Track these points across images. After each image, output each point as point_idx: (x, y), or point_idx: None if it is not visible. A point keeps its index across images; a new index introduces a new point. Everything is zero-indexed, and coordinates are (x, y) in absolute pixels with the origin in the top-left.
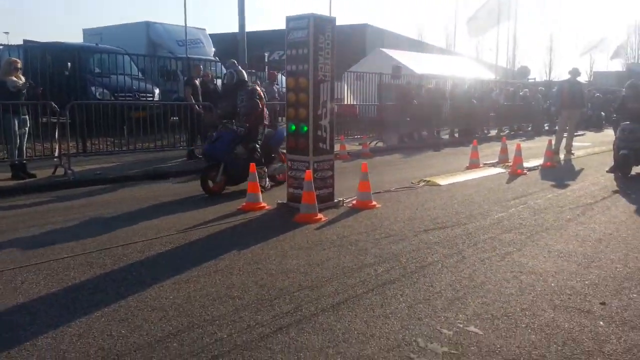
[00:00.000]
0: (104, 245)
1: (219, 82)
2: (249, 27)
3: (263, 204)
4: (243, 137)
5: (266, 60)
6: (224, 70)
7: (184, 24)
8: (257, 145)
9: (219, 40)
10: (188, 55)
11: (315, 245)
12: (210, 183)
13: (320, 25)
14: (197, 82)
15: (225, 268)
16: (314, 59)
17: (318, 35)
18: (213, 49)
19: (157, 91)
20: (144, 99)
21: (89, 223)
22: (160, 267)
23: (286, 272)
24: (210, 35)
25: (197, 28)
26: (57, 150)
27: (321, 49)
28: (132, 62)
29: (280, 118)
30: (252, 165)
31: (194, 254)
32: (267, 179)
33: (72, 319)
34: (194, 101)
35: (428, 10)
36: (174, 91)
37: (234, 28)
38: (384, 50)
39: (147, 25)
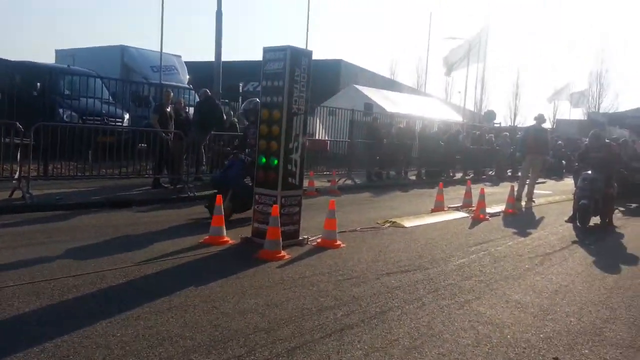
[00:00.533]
0: (54, 274)
1: (191, 110)
2: (225, 57)
3: (226, 238)
4: (250, 167)
5: (240, 90)
6: (197, 99)
7: (159, 50)
8: None
9: (194, 68)
10: (162, 82)
11: (275, 284)
12: (211, 207)
13: (296, 57)
14: (169, 109)
15: (180, 305)
16: (288, 91)
17: (294, 67)
18: (187, 77)
19: (126, 116)
20: (113, 123)
21: (40, 250)
22: (111, 301)
23: (243, 312)
24: (185, 62)
25: (173, 55)
26: (17, 173)
27: (297, 81)
28: (103, 86)
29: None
30: (219, 197)
31: (149, 288)
32: None
33: (9, 352)
34: (160, 128)
35: (401, 49)
36: (145, 117)
37: (210, 57)
38: (357, 87)
39: (122, 49)
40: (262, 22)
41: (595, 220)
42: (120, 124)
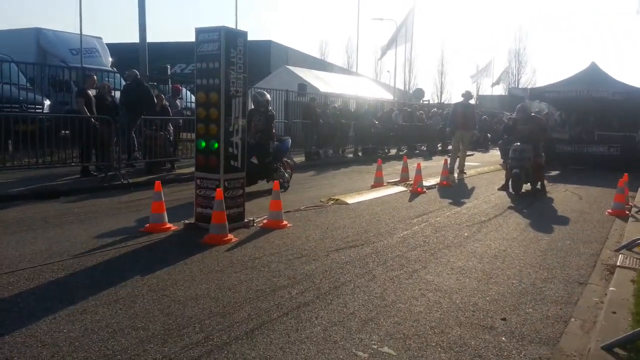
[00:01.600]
0: None
1: (117, 94)
2: (150, 38)
3: (168, 225)
4: (254, 148)
5: (169, 73)
6: (123, 82)
7: (78, 32)
8: (271, 158)
9: (118, 50)
10: (83, 65)
11: (226, 267)
12: None
13: (232, 38)
14: (91, 93)
15: (127, 296)
16: (225, 73)
17: (230, 48)
18: (110, 59)
19: (47, 103)
20: (32, 111)
21: None
22: (52, 297)
23: (195, 299)
24: (107, 44)
25: (93, 37)
26: None
27: (233, 63)
28: (19, 71)
29: (184, 134)
30: (158, 184)
31: (91, 281)
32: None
33: None
34: (88, 113)
35: (330, 30)
36: (66, 102)
37: (134, 38)
38: (290, 67)
39: (37, 31)
40: (187, 2)
41: (526, 187)
42: (40, 110)
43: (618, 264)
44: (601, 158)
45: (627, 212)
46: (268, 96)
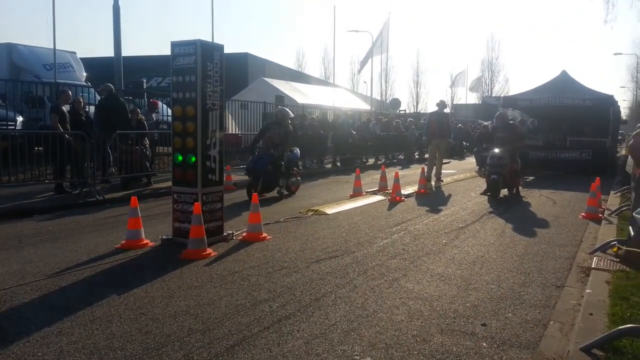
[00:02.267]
0: None
1: (91, 109)
2: (125, 52)
3: (145, 241)
4: (271, 157)
5: (144, 86)
6: (97, 96)
7: (52, 47)
8: (282, 164)
9: (93, 64)
10: (56, 80)
11: (205, 283)
12: (252, 191)
13: (208, 52)
14: (65, 109)
15: (104, 316)
16: (202, 86)
17: (206, 62)
18: (85, 74)
19: (20, 119)
20: (5, 128)
21: None
22: (26, 319)
23: (174, 316)
24: (82, 59)
25: (67, 51)
26: None
27: (209, 76)
28: None
29: (160, 148)
30: (133, 199)
31: (66, 301)
32: (284, 190)
33: None
34: (62, 130)
35: (307, 42)
36: (40, 119)
37: (109, 52)
38: (267, 79)
39: (10, 47)
40: (163, 16)
41: (504, 192)
42: (13, 127)
43: (593, 266)
44: (573, 163)
45: (600, 215)
46: (291, 113)
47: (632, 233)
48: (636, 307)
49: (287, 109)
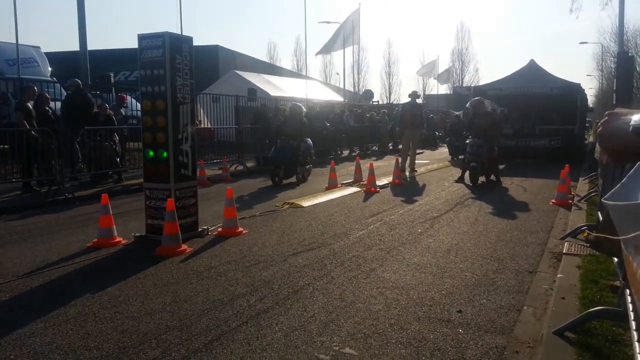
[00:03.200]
0: None
1: (57, 104)
2: (91, 46)
3: (118, 239)
4: (294, 148)
5: (112, 81)
6: (64, 92)
7: (15, 42)
8: (300, 153)
9: (58, 59)
10: (20, 76)
11: (181, 279)
12: (276, 179)
13: (176, 44)
14: (30, 105)
15: (78, 315)
16: (171, 80)
17: (175, 55)
18: (50, 69)
19: None
20: None
21: None
22: None
23: (150, 313)
24: (47, 53)
25: (31, 46)
26: None
27: (179, 69)
28: None
29: (130, 143)
30: (104, 196)
31: (39, 302)
32: (301, 176)
33: None
34: (28, 126)
35: (278, 33)
36: (4, 116)
37: (74, 46)
38: (238, 72)
39: None
40: (130, 8)
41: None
42: None
43: (564, 251)
44: (543, 151)
45: (570, 202)
46: (304, 108)
47: (601, 218)
48: (605, 290)
49: (301, 105)
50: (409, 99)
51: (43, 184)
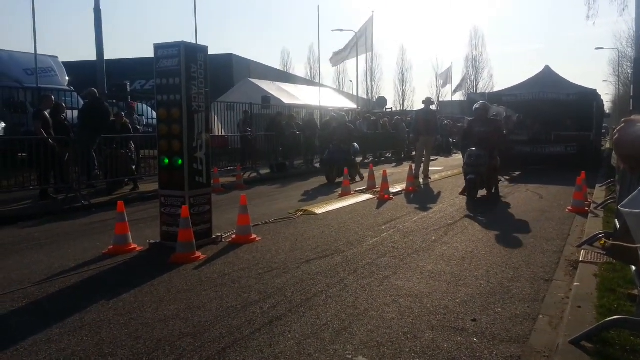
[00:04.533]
0: None
1: (74, 113)
2: (108, 55)
3: (133, 245)
4: (345, 152)
5: (128, 90)
6: (81, 101)
7: (33, 52)
8: (353, 158)
9: (76, 68)
10: (38, 85)
11: (195, 286)
12: (330, 178)
13: (191, 53)
14: (47, 113)
15: (93, 322)
16: (186, 88)
17: (190, 64)
18: (67, 78)
19: (2, 125)
20: None
21: None
22: (13, 328)
23: (164, 320)
24: (64, 63)
25: (49, 56)
26: None
27: (194, 78)
28: None
29: (145, 151)
30: (120, 204)
31: (55, 308)
32: (349, 176)
33: None
34: (45, 135)
35: (291, 42)
36: (23, 124)
37: (91, 55)
38: (252, 80)
39: None
40: (145, 18)
41: (482, 192)
42: None
43: (581, 259)
44: (559, 157)
45: (587, 209)
46: (346, 117)
47: (619, 225)
48: (623, 299)
49: (344, 114)
50: (422, 106)
51: (60, 191)
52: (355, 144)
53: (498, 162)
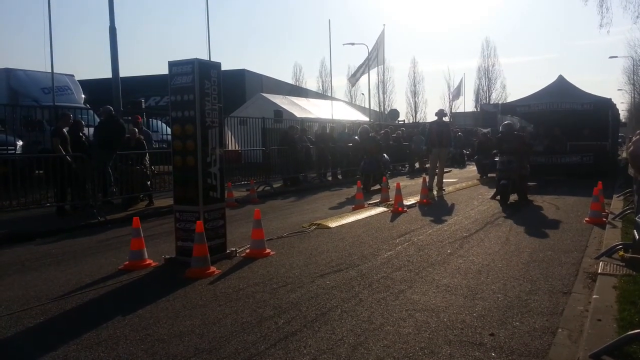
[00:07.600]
0: None
1: (91, 130)
2: (123, 73)
3: (148, 261)
4: (378, 162)
5: (143, 106)
6: (96, 118)
7: (50, 71)
8: (382, 165)
9: (91, 86)
10: (55, 104)
11: (209, 301)
12: (367, 185)
13: (205, 70)
14: (65, 131)
15: (109, 338)
16: (200, 104)
17: (204, 80)
18: (83, 96)
19: (19, 143)
20: (5, 152)
21: None
22: (31, 345)
23: (180, 336)
24: (80, 81)
25: (65, 74)
26: None
27: (207, 94)
28: None
29: (160, 166)
30: (136, 219)
31: (71, 325)
32: (380, 184)
33: None
34: (63, 152)
35: (303, 56)
36: (39, 142)
37: (107, 73)
38: (265, 95)
39: (7, 72)
40: (159, 35)
41: (514, 197)
42: (12, 151)
43: (599, 271)
44: (575, 167)
45: (604, 220)
46: (371, 131)
47: (637, 236)
48: None
49: (367, 127)
50: (435, 118)
51: (76, 208)
52: (385, 155)
53: (527, 170)
